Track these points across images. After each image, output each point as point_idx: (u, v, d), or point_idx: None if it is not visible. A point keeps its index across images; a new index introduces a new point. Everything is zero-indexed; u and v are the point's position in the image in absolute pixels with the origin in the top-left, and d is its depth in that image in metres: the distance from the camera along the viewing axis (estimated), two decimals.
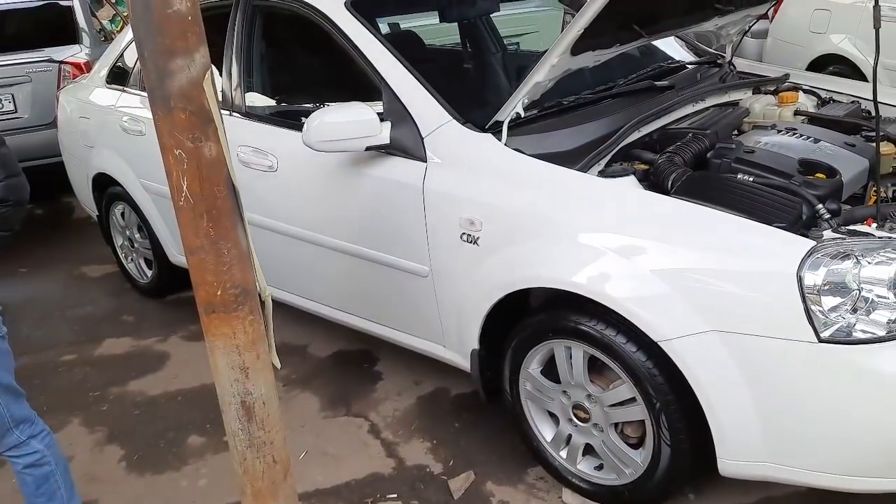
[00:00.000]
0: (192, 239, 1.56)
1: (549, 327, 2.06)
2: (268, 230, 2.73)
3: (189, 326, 3.44)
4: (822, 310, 1.64)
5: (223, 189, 1.54)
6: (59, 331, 3.53)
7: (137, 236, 3.67)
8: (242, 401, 1.70)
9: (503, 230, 2.05)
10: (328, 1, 2.55)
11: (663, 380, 1.87)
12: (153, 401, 2.91)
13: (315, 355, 3.13)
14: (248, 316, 1.65)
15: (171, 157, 1.49)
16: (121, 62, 3.59)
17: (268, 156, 2.64)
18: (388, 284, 2.44)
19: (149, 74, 1.45)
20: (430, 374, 2.87)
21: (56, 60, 4.96)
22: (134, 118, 3.30)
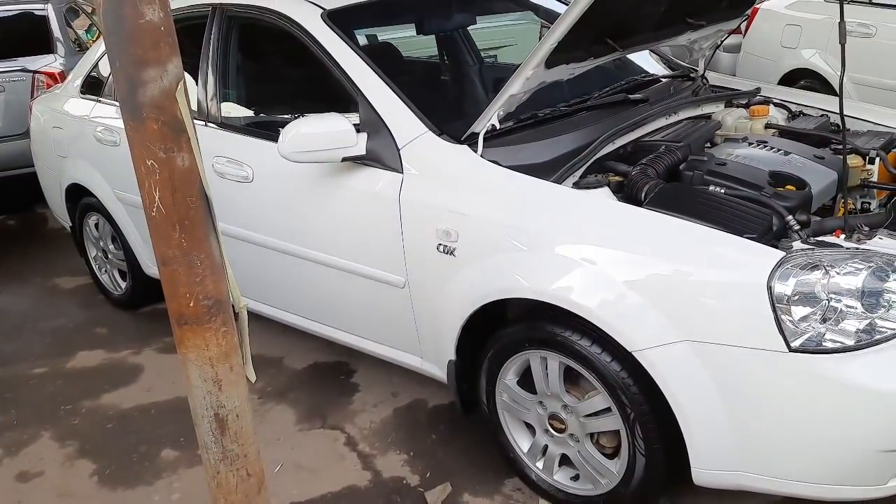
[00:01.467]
0: (164, 250, 1.55)
1: (524, 338, 2.07)
2: (243, 241, 2.71)
3: (163, 338, 3.40)
4: (792, 319, 1.67)
5: (196, 200, 1.53)
6: (30, 343, 3.47)
7: (111, 247, 3.63)
8: (215, 413, 1.69)
9: (479, 241, 2.05)
10: (304, 12, 2.55)
11: (637, 390, 1.88)
12: (126, 414, 2.87)
13: (291, 367, 3.11)
14: (220, 328, 1.64)
15: (142, 168, 1.48)
16: (95, 72, 3.56)
17: (243, 166, 2.63)
18: (364, 295, 2.44)
19: (120, 85, 1.44)
20: (407, 386, 2.86)
21: (30, 70, 4.91)
22: (108, 128, 3.28)
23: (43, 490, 2.48)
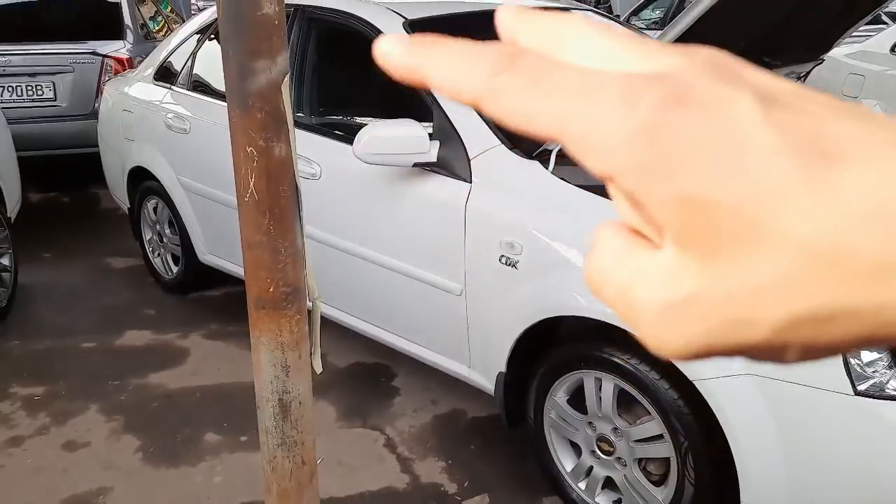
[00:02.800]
0: (252, 235, 1.60)
1: (580, 357, 2.08)
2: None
3: (210, 325, 3.46)
4: (860, 363, 1.66)
5: (287, 189, 1.58)
6: (81, 318, 3.55)
7: (167, 232, 3.71)
8: (280, 398, 1.72)
9: (543, 256, 2.08)
10: (387, 20, 2.61)
11: (693, 418, 1.88)
12: (171, 395, 2.92)
13: (333, 364, 3.14)
14: (295, 315, 1.68)
15: (241, 154, 1.53)
16: (170, 61, 3.65)
17: (312, 164, 2.69)
18: (418, 299, 2.47)
19: (230, 73, 1.49)
20: (447, 395, 2.88)
21: (100, 54, 5.05)
22: (179, 116, 3.36)
23: (88, 461, 2.53)
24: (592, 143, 0.22)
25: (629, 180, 0.21)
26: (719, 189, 0.20)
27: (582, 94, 0.22)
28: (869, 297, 0.20)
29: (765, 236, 0.20)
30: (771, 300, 0.20)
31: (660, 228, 0.22)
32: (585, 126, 0.22)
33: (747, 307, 0.21)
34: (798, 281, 0.20)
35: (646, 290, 0.22)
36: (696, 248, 0.21)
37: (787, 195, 0.20)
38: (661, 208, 0.21)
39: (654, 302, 0.22)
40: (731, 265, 0.21)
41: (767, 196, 0.20)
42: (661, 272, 0.22)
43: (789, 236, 0.20)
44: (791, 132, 0.21)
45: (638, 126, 0.21)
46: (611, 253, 0.24)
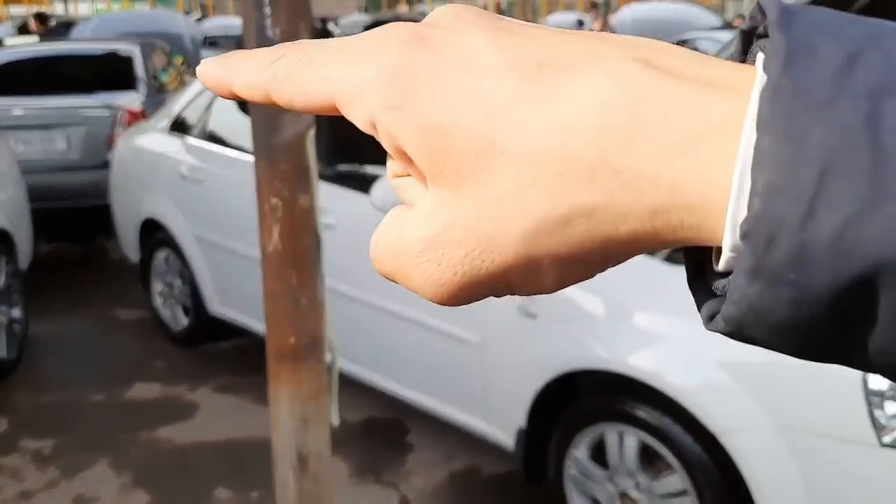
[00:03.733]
0: (273, 285, 1.60)
1: (602, 410, 2.05)
2: None
3: (219, 378, 3.43)
4: (885, 415, 1.64)
5: (310, 240, 1.59)
6: (89, 370, 3.52)
7: (178, 283, 3.71)
8: (299, 452, 1.70)
9: (561, 307, 2.06)
10: None
11: (717, 473, 1.84)
12: (181, 449, 2.87)
13: (345, 419, 3.07)
14: (315, 367, 1.67)
15: (266, 206, 1.54)
16: (185, 113, 3.71)
17: (327, 214, 2.70)
18: (435, 351, 2.45)
19: (257, 126, 1.51)
20: (463, 450, 2.83)
21: (113, 106, 5.12)
22: (194, 167, 3.39)
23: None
24: (351, 95, 0.23)
25: (383, 121, 0.22)
26: (453, 113, 0.21)
27: (338, 58, 0.23)
28: (591, 197, 0.21)
29: (499, 152, 0.21)
30: (512, 211, 0.21)
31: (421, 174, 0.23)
32: (344, 82, 0.23)
33: (494, 222, 0.22)
34: (532, 189, 0.21)
35: (409, 234, 0.23)
36: (445, 178, 0.22)
37: (511, 109, 0.21)
38: (411, 143, 0.22)
39: (415, 242, 0.23)
40: (474, 186, 0.22)
41: (495, 113, 0.21)
42: (422, 214, 0.23)
43: (518, 147, 0.21)
44: (515, 53, 0.22)
45: (380, 66, 0.22)
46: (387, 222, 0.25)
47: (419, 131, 0.22)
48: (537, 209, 0.21)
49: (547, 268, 0.22)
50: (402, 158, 0.23)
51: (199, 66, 0.27)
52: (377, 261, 0.25)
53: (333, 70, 0.23)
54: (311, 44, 0.25)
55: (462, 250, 0.22)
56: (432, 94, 0.22)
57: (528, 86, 0.21)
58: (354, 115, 0.23)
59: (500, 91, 0.21)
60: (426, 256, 0.23)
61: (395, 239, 0.24)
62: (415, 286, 0.24)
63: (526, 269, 0.22)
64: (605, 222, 0.21)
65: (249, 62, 0.25)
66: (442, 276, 0.23)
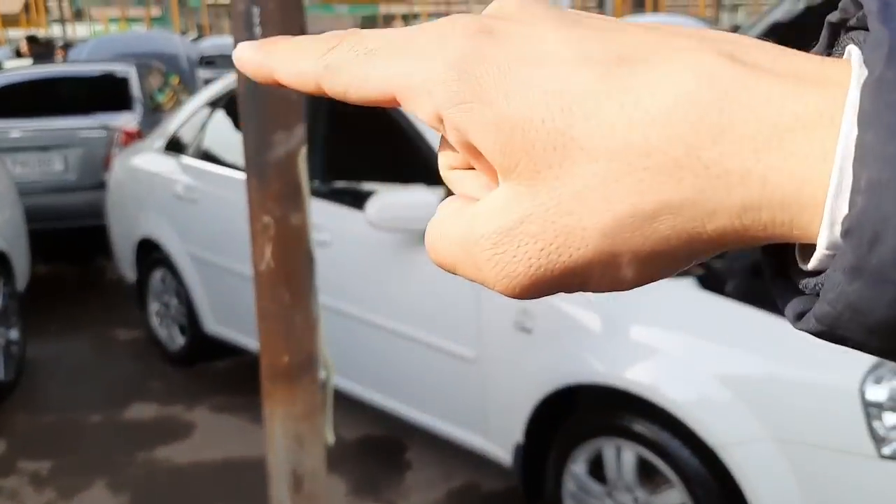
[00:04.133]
0: (266, 304, 1.59)
1: (599, 425, 2.04)
2: None
3: (216, 397, 3.41)
4: (884, 426, 1.63)
5: (303, 258, 1.58)
6: (86, 391, 3.51)
7: (174, 302, 3.70)
8: (293, 470, 1.69)
9: (558, 322, 2.06)
10: None
11: (716, 486, 1.83)
12: (179, 469, 2.86)
13: (343, 437, 3.07)
14: (309, 385, 1.66)
15: (257, 225, 1.54)
16: (180, 132, 3.72)
17: (322, 231, 2.70)
18: (432, 367, 2.44)
19: (249, 145, 1.52)
20: (461, 467, 2.81)
21: (109, 126, 5.14)
22: (189, 187, 3.40)
23: None
24: (416, 89, 0.22)
25: (452, 116, 0.22)
26: (528, 107, 0.21)
27: (401, 49, 0.23)
28: (678, 193, 0.20)
29: (578, 146, 0.21)
30: (594, 206, 0.21)
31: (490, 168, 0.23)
32: (408, 76, 0.22)
33: (574, 216, 0.21)
34: (616, 184, 0.21)
35: (482, 227, 0.23)
36: (520, 173, 0.22)
37: (591, 103, 0.21)
38: (483, 138, 0.22)
39: (489, 234, 0.23)
40: (552, 180, 0.21)
41: (573, 107, 0.21)
42: (495, 206, 0.23)
43: (600, 142, 0.21)
44: (590, 45, 0.22)
45: (449, 59, 0.22)
46: (448, 214, 0.24)
47: (492, 127, 0.21)
48: (621, 205, 0.21)
49: (627, 264, 0.22)
50: (470, 152, 0.23)
51: (235, 50, 0.26)
52: (436, 252, 0.25)
53: (396, 63, 0.23)
54: (367, 34, 0.24)
55: (538, 244, 0.22)
56: (505, 88, 0.21)
57: (607, 79, 0.21)
58: (418, 109, 0.23)
59: (577, 84, 0.21)
60: (501, 249, 0.22)
61: (462, 231, 0.23)
62: (485, 278, 0.23)
63: (604, 266, 0.22)
64: (693, 219, 0.21)
65: (298, 50, 0.25)
66: (516, 270, 0.22)
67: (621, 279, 0.23)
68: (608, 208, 0.21)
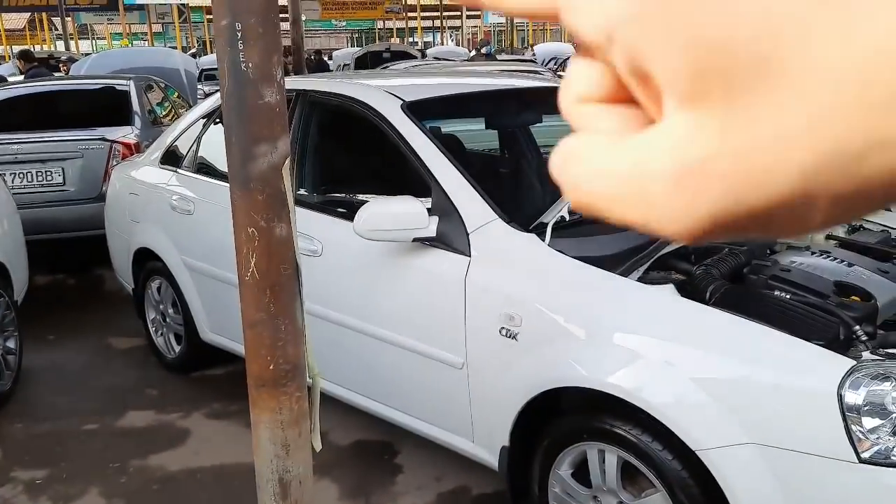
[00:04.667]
0: (252, 313, 1.63)
1: (583, 428, 2.07)
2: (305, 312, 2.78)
3: (212, 404, 3.45)
4: (862, 430, 1.66)
5: (288, 268, 1.62)
6: (83, 399, 3.54)
7: (171, 311, 3.74)
8: (280, 477, 1.72)
9: (543, 328, 2.09)
10: (385, 103, 2.71)
11: (698, 490, 1.86)
12: (172, 477, 2.89)
13: (335, 443, 3.11)
14: (295, 393, 1.69)
15: (243, 235, 1.58)
16: (176, 145, 3.77)
17: (313, 241, 2.74)
18: (420, 374, 2.47)
19: (233, 157, 1.56)
20: (451, 470, 2.84)
21: (108, 139, 5.19)
22: (184, 198, 3.44)
23: None
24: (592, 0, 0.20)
25: (629, 32, 0.20)
26: (729, 26, 0.19)
27: None
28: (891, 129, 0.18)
29: (785, 72, 0.19)
30: (797, 140, 0.19)
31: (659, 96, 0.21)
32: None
33: (772, 153, 0.19)
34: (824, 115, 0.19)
35: (658, 163, 0.20)
36: (710, 101, 0.19)
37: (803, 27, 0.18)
38: (668, 58, 0.19)
39: (669, 171, 0.20)
40: (751, 111, 0.19)
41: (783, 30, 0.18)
42: (674, 139, 0.20)
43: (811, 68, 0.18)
44: None
45: None
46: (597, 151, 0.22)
47: (684, 46, 0.19)
48: (827, 142, 0.19)
49: (820, 206, 0.20)
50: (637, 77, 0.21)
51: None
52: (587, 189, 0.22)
53: None
54: None
55: (727, 183, 0.20)
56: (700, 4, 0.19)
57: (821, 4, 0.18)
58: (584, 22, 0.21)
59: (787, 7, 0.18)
60: (682, 185, 0.20)
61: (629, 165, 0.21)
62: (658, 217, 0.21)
63: (795, 208, 0.20)
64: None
65: None
66: (697, 209, 0.20)
67: (809, 221, 0.21)
68: (812, 146, 0.19)
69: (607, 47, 0.21)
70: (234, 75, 1.46)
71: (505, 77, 4.22)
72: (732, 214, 0.20)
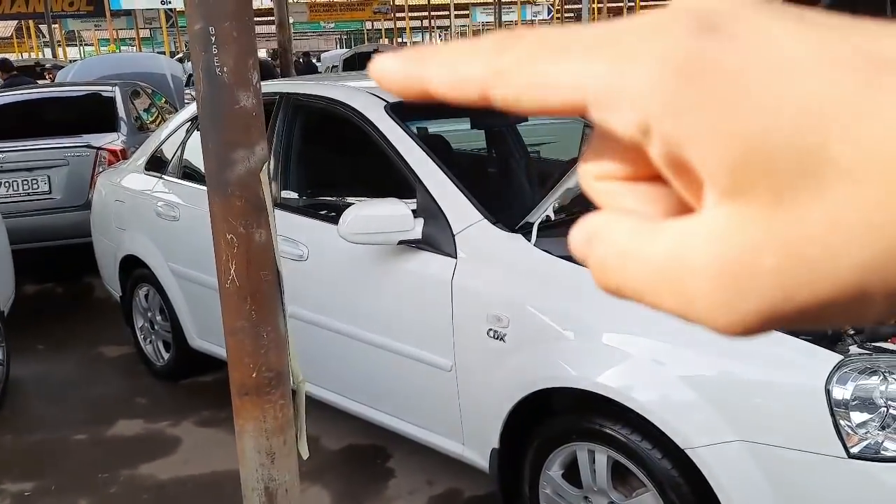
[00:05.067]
0: (233, 320, 1.61)
1: (573, 429, 2.06)
2: (291, 317, 2.76)
3: (201, 412, 3.42)
4: (850, 425, 1.65)
5: (269, 274, 1.60)
6: (72, 409, 3.51)
7: (158, 318, 3.71)
8: (266, 486, 1.70)
9: (531, 328, 2.08)
10: (369, 104, 2.69)
11: (689, 489, 1.85)
12: (162, 486, 2.86)
13: (326, 448, 3.09)
14: (279, 400, 1.67)
15: (222, 242, 1.56)
16: (160, 151, 3.74)
17: (299, 245, 2.72)
18: (409, 377, 2.46)
19: (210, 164, 1.54)
20: (443, 474, 2.82)
21: (94, 146, 5.16)
22: (169, 204, 3.42)
23: None
24: (621, 94, 0.19)
25: (668, 127, 0.19)
26: (772, 120, 0.18)
27: (600, 46, 0.20)
28: None
29: (835, 163, 0.18)
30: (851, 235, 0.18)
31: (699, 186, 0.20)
32: (611, 77, 0.19)
33: (822, 248, 0.18)
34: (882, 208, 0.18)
35: (699, 256, 0.19)
36: (753, 196, 0.19)
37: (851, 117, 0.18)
38: (708, 153, 0.19)
39: (712, 265, 0.19)
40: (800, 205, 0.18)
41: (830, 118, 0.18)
42: (716, 232, 0.19)
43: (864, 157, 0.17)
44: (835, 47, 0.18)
45: (664, 59, 0.19)
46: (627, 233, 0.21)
47: (725, 141, 0.18)
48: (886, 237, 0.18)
49: (878, 301, 0.19)
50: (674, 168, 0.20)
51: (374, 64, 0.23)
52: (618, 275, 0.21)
53: (591, 64, 0.20)
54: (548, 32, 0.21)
55: (774, 278, 0.19)
56: (740, 98, 0.18)
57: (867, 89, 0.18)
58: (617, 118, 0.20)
59: (831, 95, 0.18)
60: (726, 281, 0.19)
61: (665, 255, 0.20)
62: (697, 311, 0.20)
63: (850, 303, 0.19)
64: None
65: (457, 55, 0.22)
66: (744, 306, 0.19)
67: (864, 316, 0.19)
68: (868, 240, 0.18)
69: (642, 140, 0.20)
70: (209, 80, 1.44)
71: None
72: (780, 311, 0.19)
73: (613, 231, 0.21)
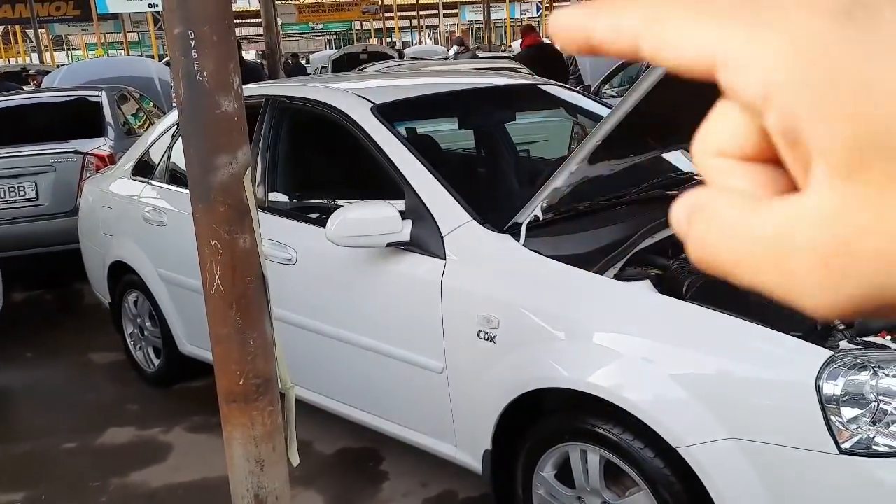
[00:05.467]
0: (219, 327, 1.59)
1: (565, 429, 2.05)
2: (280, 321, 2.74)
3: (193, 417, 3.40)
4: (841, 420, 1.64)
5: (254, 280, 1.58)
6: (62, 418, 3.49)
7: (148, 324, 3.69)
8: (255, 494, 1.69)
9: (521, 329, 2.07)
10: (355, 106, 2.68)
11: (681, 488, 1.84)
12: (154, 493, 2.84)
13: (320, 452, 3.08)
14: (267, 407, 1.66)
15: (206, 248, 1.54)
16: (147, 156, 3.71)
17: (287, 249, 2.70)
18: (401, 380, 2.44)
19: (192, 169, 1.52)
20: (437, 476, 2.81)
21: (81, 152, 5.12)
22: (156, 209, 3.39)
23: None
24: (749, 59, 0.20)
25: (790, 98, 0.19)
26: None
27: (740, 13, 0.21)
28: None
29: None
30: None
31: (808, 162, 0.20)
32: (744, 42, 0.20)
33: None
34: None
35: (807, 235, 0.20)
36: (867, 176, 0.19)
37: None
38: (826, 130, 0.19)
39: (820, 245, 0.20)
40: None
41: None
42: (825, 212, 0.20)
43: None
44: None
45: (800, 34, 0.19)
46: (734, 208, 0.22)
47: (845, 120, 0.19)
48: None
49: None
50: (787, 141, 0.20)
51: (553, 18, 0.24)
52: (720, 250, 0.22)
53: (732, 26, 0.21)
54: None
55: (881, 263, 0.19)
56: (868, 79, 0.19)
57: None
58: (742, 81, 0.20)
59: None
60: (830, 262, 0.19)
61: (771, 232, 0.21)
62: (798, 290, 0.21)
63: None
64: None
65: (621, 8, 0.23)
66: (846, 288, 0.20)
67: None
68: None
69: (762, 106, 0.20)
70: (190, 85, 1.42)
71: (477, 76, 4.19)
72: (882, 297, 0.19)
73: (717, 207, 0.22)
